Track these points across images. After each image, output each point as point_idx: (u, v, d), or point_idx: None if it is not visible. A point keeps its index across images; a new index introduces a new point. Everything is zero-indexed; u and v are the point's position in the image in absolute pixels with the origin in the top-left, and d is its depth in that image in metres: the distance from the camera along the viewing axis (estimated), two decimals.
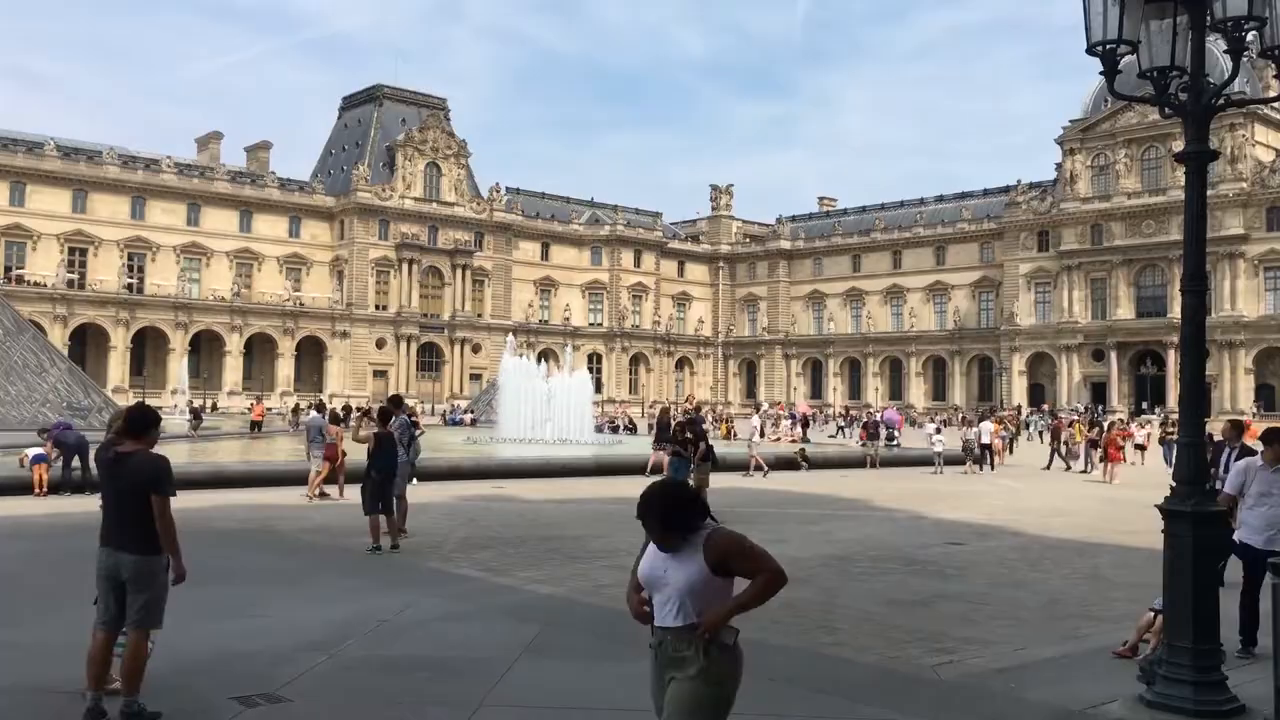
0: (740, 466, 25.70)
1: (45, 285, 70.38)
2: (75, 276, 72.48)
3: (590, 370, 66.10)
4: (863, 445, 34.30)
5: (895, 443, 36.39)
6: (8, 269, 69.78)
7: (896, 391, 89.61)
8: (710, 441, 17.76)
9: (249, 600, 9.10)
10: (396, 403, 14.72)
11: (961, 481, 25.77)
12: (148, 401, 47.37)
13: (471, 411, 56.81)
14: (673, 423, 19.06)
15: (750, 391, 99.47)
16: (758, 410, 56.25)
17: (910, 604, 9.59)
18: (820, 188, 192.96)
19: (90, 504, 11.12)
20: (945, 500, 20.12)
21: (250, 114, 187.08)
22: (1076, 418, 46.49)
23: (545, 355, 75.82)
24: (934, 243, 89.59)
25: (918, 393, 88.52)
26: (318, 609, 8.80)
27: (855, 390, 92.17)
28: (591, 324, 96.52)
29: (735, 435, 44.06)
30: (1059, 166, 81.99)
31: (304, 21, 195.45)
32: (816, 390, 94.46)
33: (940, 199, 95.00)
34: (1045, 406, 70.35)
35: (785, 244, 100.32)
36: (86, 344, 71.69)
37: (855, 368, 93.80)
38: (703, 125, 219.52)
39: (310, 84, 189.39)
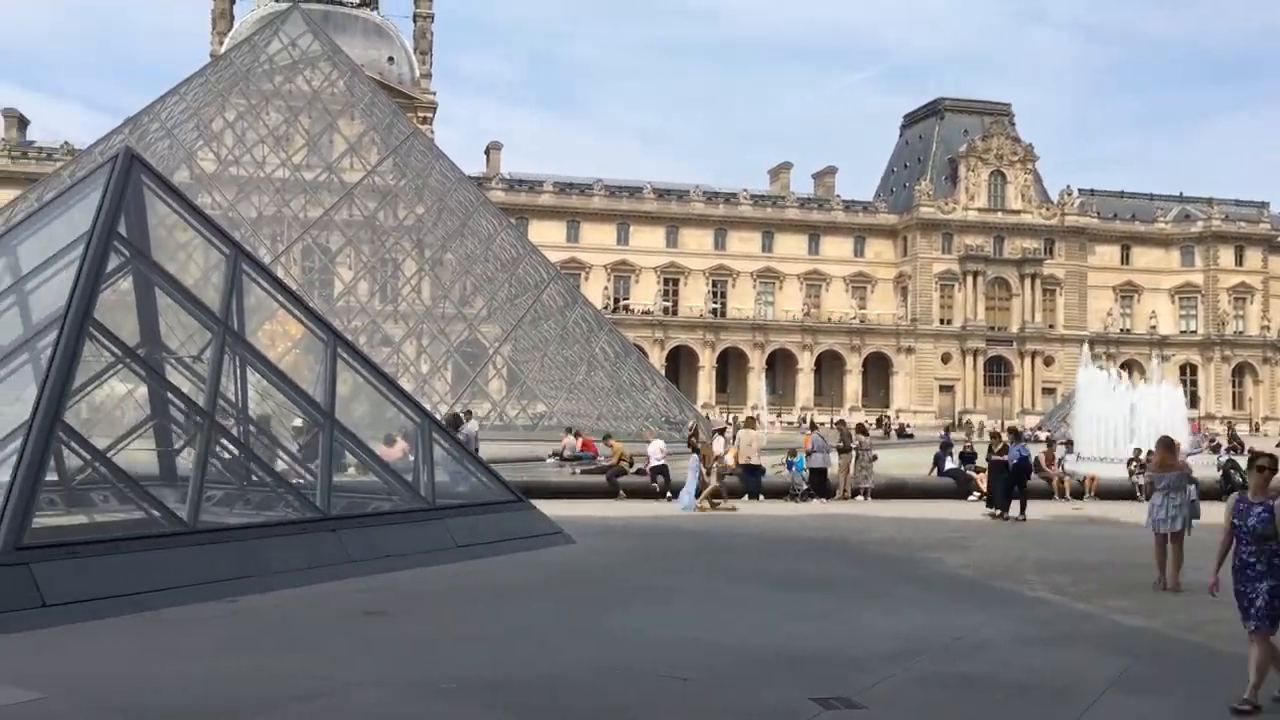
0: None
1: (646, 313, 79.68)
2: (669, 304, 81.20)
3: (1183, 383, 59.63)
4: None
5: None
6: (617, 300, 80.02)
7: None
8: None
9: (826, 606, 9.46)
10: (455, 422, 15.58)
11: None
12: (730, 418, 50.77)
13: (1043, 428, 54.14)
14: None
15: None
16: None
17: None
18: None
19: None
20: None
21: (817, 143, 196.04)
22: None
23: (1128, 367, 69.87)
24: None
25: None
26: (889, 620, 8.90)
27: None
28: (1183, 332, 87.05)
29: None
30: None
31: (877, 54, 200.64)
32: None
33: None
34: None
35: None
36: (679, 364, 79.75)
37: None
38: None
39: (873, 108, 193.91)
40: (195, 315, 10.57)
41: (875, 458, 21.20)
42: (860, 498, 20.10)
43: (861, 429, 22.55)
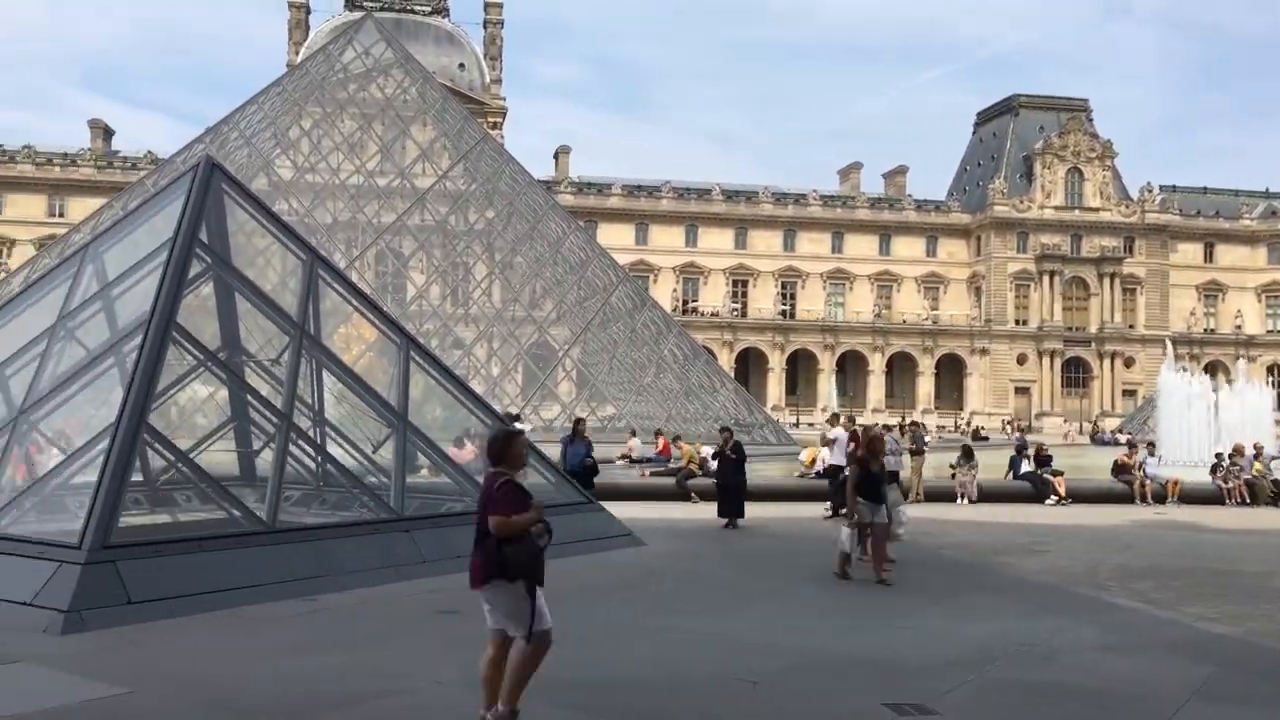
0: None
1: (714, 314, 79.53)
2: (738, 306, 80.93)
3: (1271, 385, 57.81)
4: None
5: None
6: (685, 302, 79.98)
7: None
8: None
9: (899, 611, 9.35)
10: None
11: None
12: (800, 419, 50.76)
13: (1124, 431, 52.88)
14: None
15: None
16: None
17: None
18: None
19: None
20: None
21: (887, 142, 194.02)
22: None
23: (1212, 368, 67.94)
24: None
25: None
26: (963, 625, 8.77)
27: None
28: (1270, 331, 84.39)
29: None
30: None
31: (950, 51, 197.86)
32: None
33: None
34: None
35: None
36: (748, 366, 79.43)
37: None
38: None
39: (945, 106, 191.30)
40: (273, 319, 10.81)
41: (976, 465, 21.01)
42: (965, 501, 19.88)
43: (969, 453, 22.38)
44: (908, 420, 47.20)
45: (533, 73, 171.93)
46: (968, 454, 21.36)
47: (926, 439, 21.22)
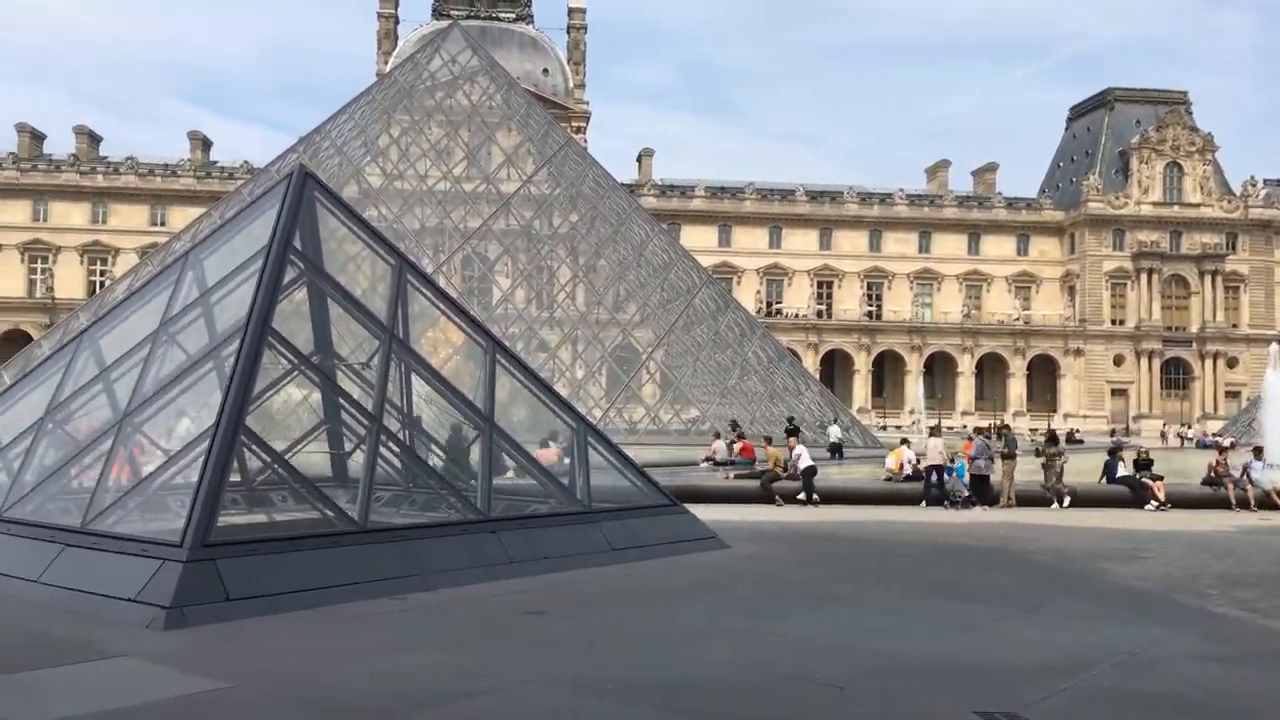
0: None
1: (799, 316, 78.90)
2: (822, 307, 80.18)
3: None
4: None
5: None
6: (769, 304, 79.50)
7: None
8: None
9: (989, 617, 9.16)
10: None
11: None
12: (887, 422, 50.35)
13: (1227, 434, 51.03)
14: None
15: None
16: None
17: None
18: None
19: None
20: None
21: (976, 141, 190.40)
22: None
23: None
24: None
25: None
26: (1057, 632, 8.55)
27: None
28: None
29: None
30: None
31: (1042, 47, 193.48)
32: None
33: None
34: None
35: None
36: (834, 368, 78.63)
37: None
38: None
39: (1037, 102, 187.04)
40: (364, 324, 11.03)
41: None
42: (1056, 505, 19.48)
43: (1054, 438, 22.31)
44: (998, 423, 46.22)
45: (616, 77, 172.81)
46: (1052, 439, 21.47)
47: (1018, 442, 20.95)
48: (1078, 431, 59.68)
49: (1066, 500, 19.59)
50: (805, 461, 20.05)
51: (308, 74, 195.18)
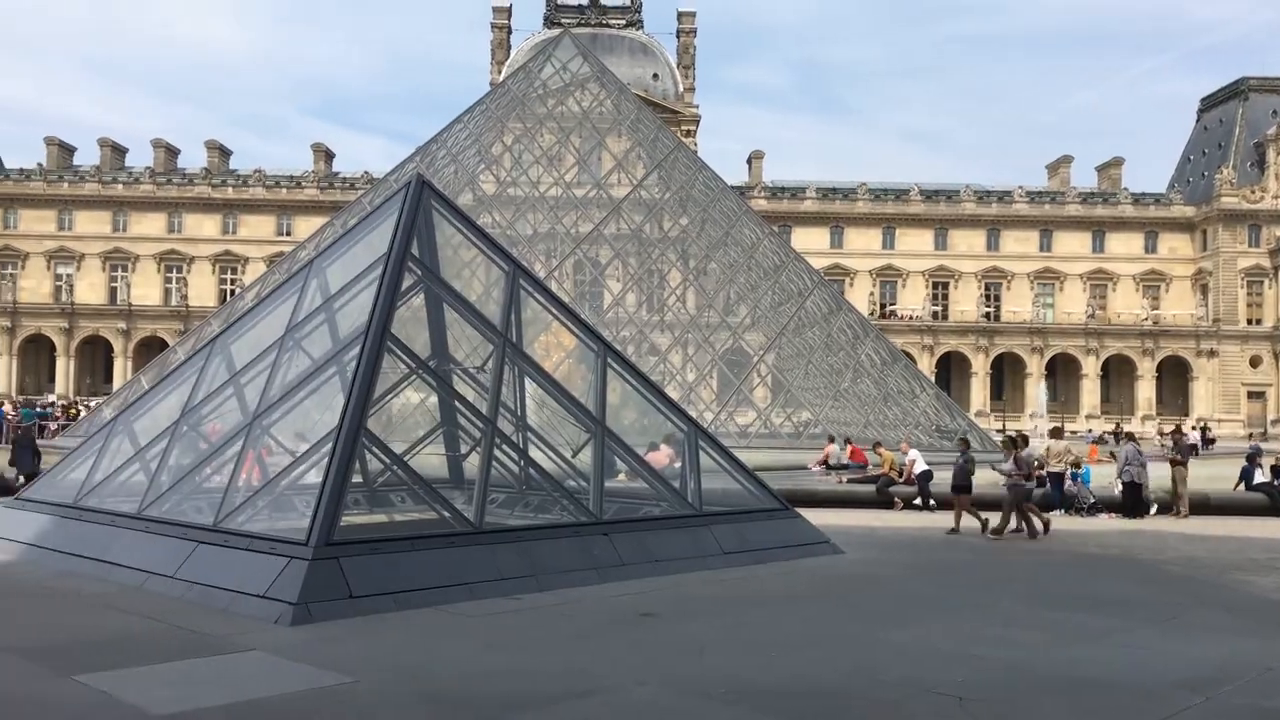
0: None
1: (914, 318, 77.40)
2: (938, 308, 78.51)
3: None
4: None
5: None
6: (882, 305, 78.22)
7: None
8: None
9: (1114, 628, 8.85)
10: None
11: None
12: (1006, 425, 48.89)
13: None
14: None
15: None
16: None
17: None
18: None
19: None
20: None
21: (1100, 135, 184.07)
22: None
23: None
24: None
25: None
26: (1188, 646, 8.20)
27: None
28: None
29: None
30: None
31: (1169, 37, 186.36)
32: None
33: None
34: None
35: None
36: (950, 370, 76.89)
37: None
38: None
39: (1164, 94, 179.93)
40: (479, 328, 11.26)
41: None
42: (1178, 513, 18.59)
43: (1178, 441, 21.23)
44: (1124, 428, 44.58)
45: (726, 79, 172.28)
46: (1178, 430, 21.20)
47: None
48: (1210, 432, 56.87)
49: (1153, 509, 18.71)
50: (920, 466, 19.68)
51: (425, 85, 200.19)
